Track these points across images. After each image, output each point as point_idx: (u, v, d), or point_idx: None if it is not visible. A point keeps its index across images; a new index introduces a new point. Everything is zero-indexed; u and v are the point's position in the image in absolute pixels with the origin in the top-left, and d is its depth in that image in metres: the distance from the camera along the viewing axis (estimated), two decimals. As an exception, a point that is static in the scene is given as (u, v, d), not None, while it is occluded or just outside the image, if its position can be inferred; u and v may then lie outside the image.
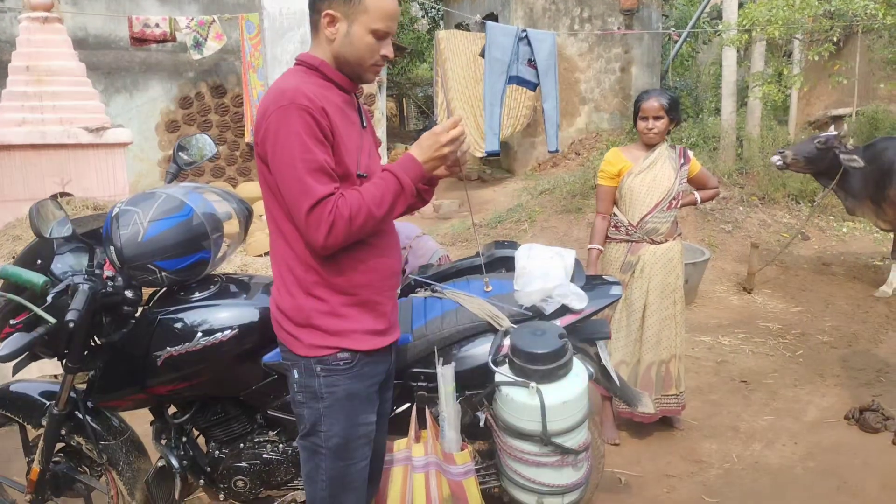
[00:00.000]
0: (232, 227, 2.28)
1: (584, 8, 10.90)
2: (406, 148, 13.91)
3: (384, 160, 9.75)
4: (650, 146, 3.34)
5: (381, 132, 10.07)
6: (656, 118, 3.25)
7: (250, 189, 7.62)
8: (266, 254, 3.83)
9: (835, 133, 5.67)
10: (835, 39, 6.93)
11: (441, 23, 10.54)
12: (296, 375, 1.88)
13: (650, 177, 3.30)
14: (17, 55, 5.47)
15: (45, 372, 3.52)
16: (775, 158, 5.89)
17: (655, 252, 3.33)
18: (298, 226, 1.71)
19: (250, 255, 5.17)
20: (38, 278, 1.85)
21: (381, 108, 13.17)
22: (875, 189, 5.62)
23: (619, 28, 11.08)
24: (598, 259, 3.41)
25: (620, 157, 3.36)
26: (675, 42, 11.25)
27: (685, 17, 15.78)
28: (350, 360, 1.86)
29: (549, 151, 8.92)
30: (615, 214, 3.40)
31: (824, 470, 3.25)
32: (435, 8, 17.53)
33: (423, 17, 19.37)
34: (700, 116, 11.16)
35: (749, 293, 6.05)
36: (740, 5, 8.40)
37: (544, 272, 2.27)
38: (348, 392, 1.88)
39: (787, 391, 4.11)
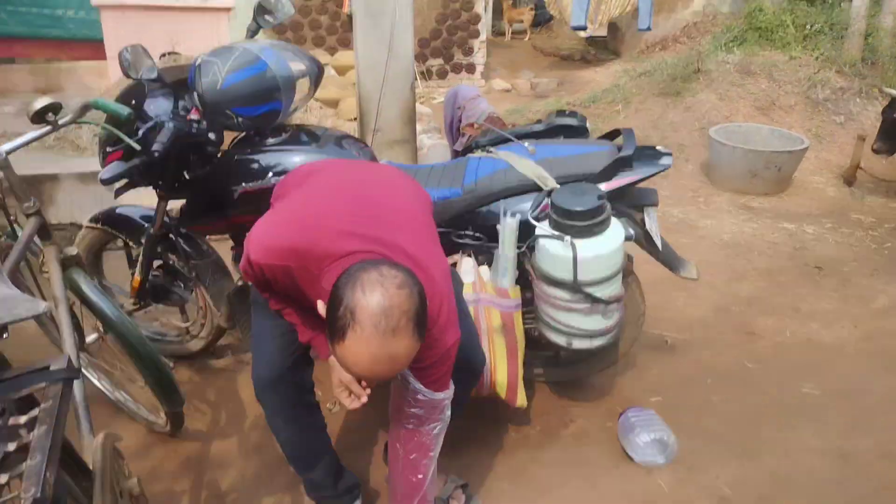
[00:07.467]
0: (303, 82, 2.44)
1: None
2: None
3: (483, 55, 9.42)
4: None
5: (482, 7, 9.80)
6: None
7: (348, 57, 7.71)
8: (355, 118, 4.03)
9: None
10: None
11: None
12: None
13: None
14: (135, -79, 5.70)
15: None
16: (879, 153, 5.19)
17: None
18: None
19: (341, 118, 5.43)
20: (123, 109, 2.07)
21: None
22: None
23: None
24: None
25: None
26: None
27: None
28: None
29: (639, 29, 8.50)
30: None
31: (877, 351, 3.27)
32: None
33: None
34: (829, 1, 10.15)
35: (849, 186, 5.77)
36: None
37: None
38: None
39: (861, 279, 4.03)
